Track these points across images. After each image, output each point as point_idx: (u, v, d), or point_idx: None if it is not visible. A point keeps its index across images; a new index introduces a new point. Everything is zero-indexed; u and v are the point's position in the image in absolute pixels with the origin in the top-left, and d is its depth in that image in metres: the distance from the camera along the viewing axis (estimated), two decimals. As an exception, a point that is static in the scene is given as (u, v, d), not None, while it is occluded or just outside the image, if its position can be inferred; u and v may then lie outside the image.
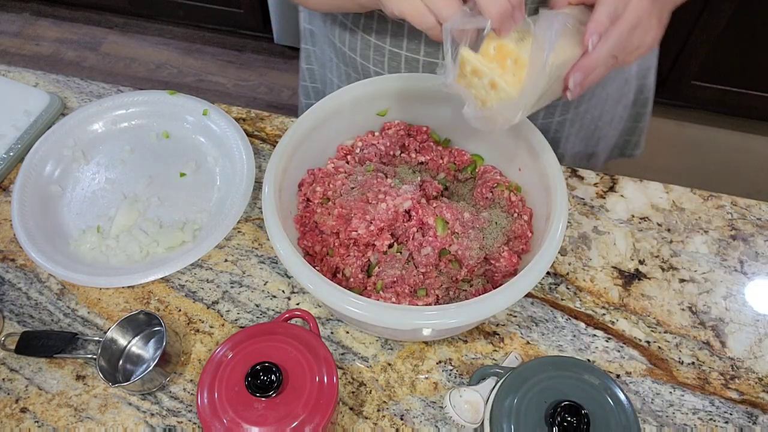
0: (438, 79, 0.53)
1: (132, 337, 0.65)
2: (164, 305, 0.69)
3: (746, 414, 0.62)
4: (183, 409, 0.62)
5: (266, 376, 0.52)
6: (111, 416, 0.62)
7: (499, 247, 0.64)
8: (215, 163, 0.79)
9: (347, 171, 0.69)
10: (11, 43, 2.31)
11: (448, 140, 0.74)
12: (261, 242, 0.73)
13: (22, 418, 0.62)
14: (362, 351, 0.66)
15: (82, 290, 0.70)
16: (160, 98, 0.83)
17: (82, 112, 0.81)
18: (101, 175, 0.79)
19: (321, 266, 0.64)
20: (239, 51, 2.29)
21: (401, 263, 0.62)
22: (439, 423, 0.61)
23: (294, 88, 2.19)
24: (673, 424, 0.61)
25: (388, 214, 0.62)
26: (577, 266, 0.71)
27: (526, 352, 0.65)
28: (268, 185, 0.60)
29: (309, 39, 0.92)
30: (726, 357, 0.65)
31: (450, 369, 0.65)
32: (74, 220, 0.75)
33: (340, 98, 0.67)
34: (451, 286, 0.63)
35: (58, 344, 0.64)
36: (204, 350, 0.66)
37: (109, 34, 2.34)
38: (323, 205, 0.67)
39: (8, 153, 0.79)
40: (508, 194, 0.67)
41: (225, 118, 0.80)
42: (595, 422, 0.50)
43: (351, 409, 0.62)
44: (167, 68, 2.24)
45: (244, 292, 0.70)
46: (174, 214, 0.75)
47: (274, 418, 0.51)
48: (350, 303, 0.53)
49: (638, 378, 0.64)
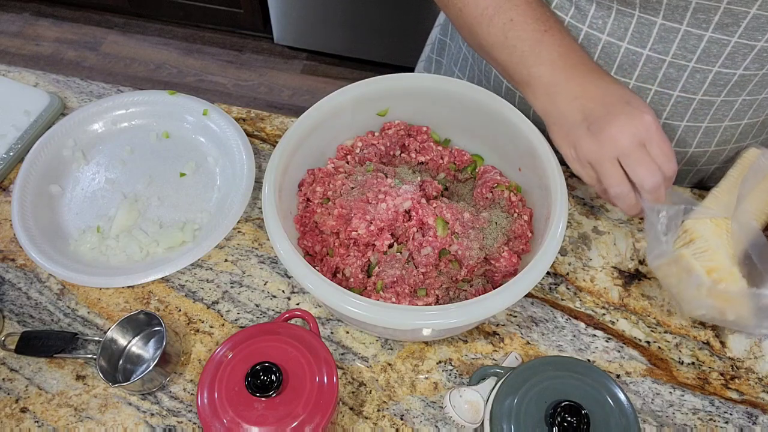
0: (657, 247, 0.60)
1: (132, 337, 0.65)
2: (164, 305, 0.69)
3: (746, 414, 0.62)
4: (183, 409, 0.62)
5: (266, 376, 0.52)
6: (111, 416, 0.62)
7: (499, 247, 0.64)
8: (215, 163, 0.79)
9: (347, 171, 0.69)
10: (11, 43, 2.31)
11: (448, 140, 0.74)
12: (261, 242, 0.73)
13: (22, 418, 0.62)
14: (362, 351, 0.66)
15: (82, 290, 0.70)
16: (160, 98, 0.83)
17: (82, 112, 0.81)
18: (101, 175, 0.79)
19: (321, 266, 0.64)
20: (239, 51, 2.29)
21: (401, 263, 0.62)
22: (439, 423, 0.61)
23: (294, 88, 2.19)
24: (673, 424, 0.61)
25: (388, 214, 0.62)
26: (577, 266, 0.71)
27: (526, 352, 0.65)
28: (268, 185, 0.60)
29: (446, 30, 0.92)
30: (726, 357, 0.65)
31: (450, 369, 0.65)
32: (74, 220, 0.75)
33: (340, 98, 0.67)
34: (451, 286, 0.63)
35: (58, 344, 0.64)
36: (204, 350, 0.66)
37: (109, 34, 2.34)
38: (323, 205, 0.67)
39: (8, 153, 0.79)
40: (508, 194, 0.67)
41: (225, 118, 0.80)
42: (595, 422, 0.50)
43: (351, 409, 0.62)
44: (167, 68, 2.24)
45: (244, 292, 0.70)
46: (174, 214, 0.75)
47: (274, 418, 0.51)
48: (350, 303, 0.53)
49: (638, 378, 0.64)
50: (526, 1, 0.61)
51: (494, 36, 0.62)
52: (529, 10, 0.61)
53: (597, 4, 0.63)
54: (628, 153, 0.56)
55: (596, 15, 0.63)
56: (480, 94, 0.67)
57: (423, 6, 1.92)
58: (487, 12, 0.62)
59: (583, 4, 0.64)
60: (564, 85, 0.59)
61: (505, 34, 0.61)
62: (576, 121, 0.58)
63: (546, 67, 0.59)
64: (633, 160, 0.56)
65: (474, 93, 0.67)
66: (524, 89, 0.62)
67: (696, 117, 0.67)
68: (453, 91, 0.68)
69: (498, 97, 0.66)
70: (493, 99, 0.66)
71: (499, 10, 0.61)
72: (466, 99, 0.68)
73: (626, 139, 0.56)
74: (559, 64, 0.59)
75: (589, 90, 0.58)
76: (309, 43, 2.20)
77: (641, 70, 0.64)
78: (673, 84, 0.64)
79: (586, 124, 0.57)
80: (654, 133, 0.56)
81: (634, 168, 0.57)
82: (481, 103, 0.67)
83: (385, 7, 1.95)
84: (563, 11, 0.65)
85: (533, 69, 0.60)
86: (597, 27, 0.64)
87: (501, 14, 0.61)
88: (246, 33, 2.31)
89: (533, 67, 0.59)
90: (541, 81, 0.59)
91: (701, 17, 0.58)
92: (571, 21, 0.65)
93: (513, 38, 0.60)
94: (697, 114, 0.67)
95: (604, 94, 0.58)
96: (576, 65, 0.59)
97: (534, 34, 0.60)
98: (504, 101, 0.66)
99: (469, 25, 0.64)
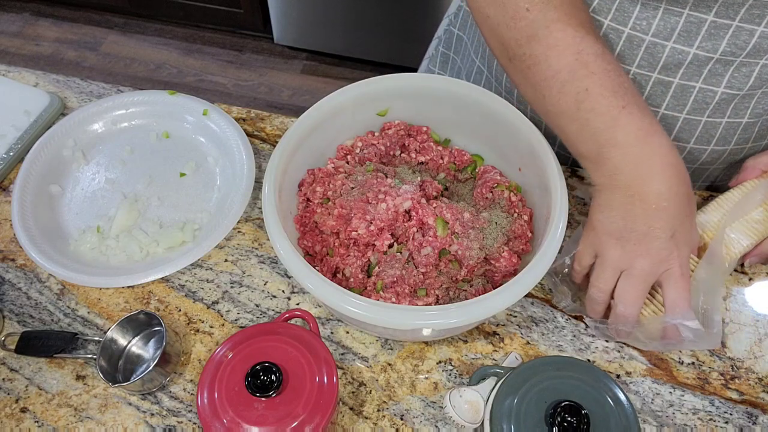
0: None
1: (132, 337, 0.65)
2: (164, 305, 0.69)
3: (746, 414, 0.62)
4: (183, 409, 0.62)
5: (266, 376, 0.52)
6: (111, 416, 0.62)
7: (499, 247, 0.64)
8: (215, 163, 0.79)
9: (347, 171, 0.69)
10: (11, 43, 2.31)
11: (448, 140, 0.74)
12: (261, 242, 0.73)
13: (22, 418, 0.62)
14: (362, 351, 0.66)
15: (82, 290, 0.70)
16: (160, 98, 0.83)
17: (82, 112, 0.81)
18: (101, 175, 0.79)
19: (321, 266, 0.64)
20: (239, 51, 2.29)
21: (401, 263, 0.62)
22: (439, 423, 0.61)
23: (294, 87, 2.19)
24: (673, 424, 0.61)
25: (388, 214, 0.62)
26: (577, 266, 0.71)
27: (526, 352, 0.65)
28: (268, 185, 0.60)
29: (450, 43, 0.90)
30: (726, 357, 0.65)
31: (450, 369, 0.65)
32: (74, 220, 0.75)
33: (340, 98, 0.67)
34: (451, 286, 0.63)
35: (58, 344, 0.64)
36: (204, 350, 0.66)
37: (109, 34, 2.34)
38: (323, 205, 0.67)
39: (8, 153, 0.79)
40: (508, 194, 0.67)
41: (225, 118, 0.80)
42: (595, 422, 0.50)
43: (351, 409, 0.62)
44: (167, 68, 2.24)
45: (244, 292, 0.70)
46: (174, 214, 0.75)
47: (274, 418, 0.51)
48: (350, 303, 0.53)
49: (638, 378, 0.64)
50: (603, 69, 0.55)
51: (565, 104, 0.56)
52: (606, 81, 0.55)
53: (642, 5, 0.60)
54: (633, 273, 0.56)
55: (641, 16, 0.61)
56: (480, 95, 0.67)
57: (423, 6, 1.92)
58: (560, 76, 0.56)
59: (627, 6, 0.61)
60: (627, 174, 0.55)
61: (578, 105, 0.55)
62: (612, 230, 0.57)
63: (618, 150, 0.55)
64: (631, 281, 0.57)
65: (474, 93, 0.67)
66: (588, 164, 0.59)
67: (737, 113, 0.66)
68: (453, 91, 0.68)
69: (498, 98, 0.66)
70: (494, 99, 0.66)
71: (574, 76, 0.55)
72: (466, 99, 0.68)
73: (646, 264, 0.55)
74: (631, 149, 0.55)
75: (647, 195, 0.55)
76: (309, 43, 2.20)
77: (686, 68, 0.62)
78: (718, 80, 0.62)
79: (617, 235, 0.57)
80: (677, 276, 0.56)
81: (626, 288, 0.57)
82: (481, 103, 0.67)
83: (385, 6, 1.95)
84: (602, 14, 0.62)
85: (604, 149, 0.55)
86: (641, 28, 0.61)
87: (576, 82, 0.55)
88: (246, 33, 2.31)
89: (604, 147, 0.55)
90: (608, 162, 0.56)
91: (756, 12, 0.56)
92: (610, 24, 0.62)
93: (586, 110, 0.55)
94: (737, 109, 0.66)
95: (657, 207, 0.55)
96: (648, 152, 0.55)
97: (610, 109, 0.55)
98: (504, 101, 0.66)
99: (537, 87, 0.58)
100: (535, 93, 0.59)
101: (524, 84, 0.61)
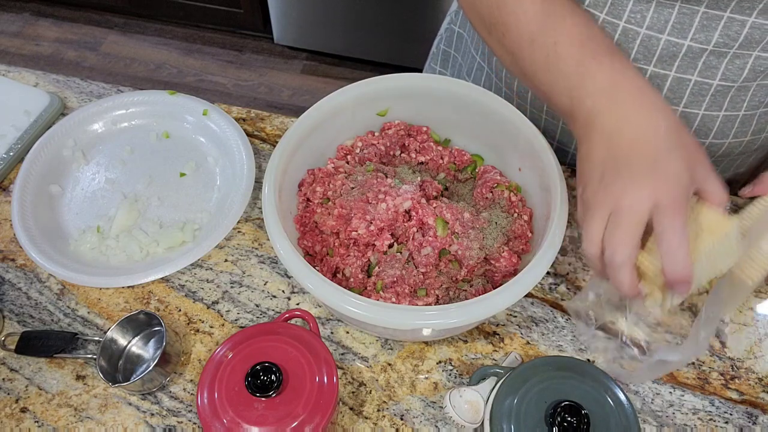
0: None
1: (132, 337, 0.65)
2: (164, 305, 0.69)
3: (746, 414, 0.62)
4: (183, 409, 0.62)
5: (266, 376, 0.52)
6: (111, 416, 0.62)
7: (499, 247, 0.64)
8: (215, 163, 0.79)
9: (347, 171, 0.69)
10: (11, 43, 2.31)
11: (448, 140, 0.74)
12: (261, 242, 0.73)
13: (22, 418, 0.62)
14: (362, 351, 0.66)
15: (82, 290, 0.70)
16: (160, 98, 0.83)
17: (82, 112, 0.81)
18: (101, 175, 0.79)
19: (321, 266, 0.64)
20: (239, 51, 2.29)
21: (401, 263, 0.62)
22: (439, 423, 0.61)
23: (294, 88, 2.19)
24: (673, 424, 0.61)
25: (388, 214, 0.62)
26: (577, 266, 0.71)
27: (526, 352, 0.65)
28: (268, 185, 0.60)
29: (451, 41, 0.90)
30: (726, 357, 0.65)
31: (450, 369, 0.65)
32: (74, 220, 0.75)
33: (340, 98, 0.67)
34: (451, 286, 0.63)
35: (58, 344, 0.64)
36: (204, 350, 0.66)
37: (109, 34, 2.34)
38: (323, 205, 0.67)
39: (8, 153, 0.79)
40: (508, 194, 0.67)
41: (225, 118, 0.80)
42: (595, 422, 0.50)
43: (351, 409, 0.62)
44: (167, 68, 2.24)
45: (244, 292, 0.70)
46: (174, 214, 0.75)
47: (274, 418, 0.51)
48: (350, 303, 0.53)
49: (638, 378, 0.64)
50: (573, 23, 0.56)
51: (537, 61, 0.57)
52: (575, 34, 0.56)
53: None
54: (618, 212, 0.50)
55: (635, 9, 0.61)
56: (480, 95, 0.67)
57: (423, 6, 1.92)
58: (530, 35, 0.57)
59: None
60: (602, 117, 0.54)
61: (548, 60, 0.56)
62: (594, 177, 0.54)
63: (589, 99, 0.55)
64: (616, 221, 0.51)
65: (474, 93, 0.67)
66: (566, 119, 0.59)
67: (734, 105, 0.66)
68: (453, 91, 0.68)
69: (498, 98, 0.66)
70: (494, 99, 0.66)
71: (544, 30, 0.56)
72: (466, 99, 0.68)
73: (628, 199, 0.50)
74: (602, 95, 0.54)
75: (624, 130, 0.53)
76: (309, 43, 2.20)
77: (681, 60, 0.62)
78: (713, 72, 0.63)
79: (599, 178, 0.53)
80: (664, 207, 0.49)
81: (612, 230, 0.50)
82: (481, 103, 0.67)
83: (385, 6, 1.95)
84: (598, 8, 0.63)
85: (576, 100, 0.56)
86: (635, 21, 0.61)
87: (545, 38, 0.56)
88: (246, 33, 2.31)
89: (576, 98, 0.56)
90: (581, 111, 0.55)
91: (746, 4, 0.57)
92: (606, 18, 0.63)
93: (555, 63, 0.56)
94: (734, 102, 0.66)
95: (635, 139, 0.52)
96: (621, 96, 0.54)
97: (581, 60, 0.55)
98: (504, 101, 0.66)
99: (513, 52, 0.60)
100: (513, 58, 0.60)
101: (502, 52, 0.62)
